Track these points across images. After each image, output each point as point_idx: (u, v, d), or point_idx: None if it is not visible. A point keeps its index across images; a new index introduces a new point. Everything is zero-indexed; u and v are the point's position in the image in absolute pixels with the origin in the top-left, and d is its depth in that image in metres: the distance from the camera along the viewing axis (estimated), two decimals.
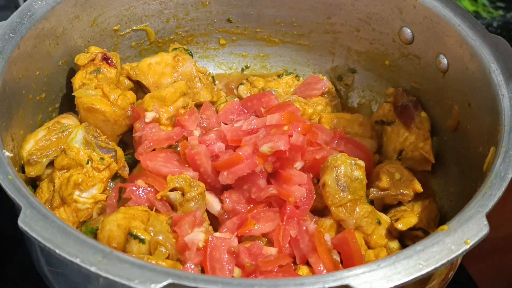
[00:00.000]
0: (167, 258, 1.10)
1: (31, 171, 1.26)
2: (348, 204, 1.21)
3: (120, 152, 1.30)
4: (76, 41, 1.42)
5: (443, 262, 0.93)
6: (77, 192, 1.22)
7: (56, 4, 1.33)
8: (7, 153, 1.09)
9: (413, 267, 0.92)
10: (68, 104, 1.43)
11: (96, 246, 0.92)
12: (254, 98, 1.44)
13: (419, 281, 0.94)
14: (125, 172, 1.31)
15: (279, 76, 1.58)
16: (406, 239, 1.27)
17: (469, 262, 1.39)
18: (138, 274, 0.89)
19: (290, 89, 1.55)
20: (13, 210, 1.08)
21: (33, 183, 1.29)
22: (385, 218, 1.27)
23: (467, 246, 0.95)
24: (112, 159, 1.27)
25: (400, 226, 1.24)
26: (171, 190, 1.20)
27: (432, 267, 0.93)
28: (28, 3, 1.31)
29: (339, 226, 1.22)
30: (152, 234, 1.11)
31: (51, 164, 1.27)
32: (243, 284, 0.90)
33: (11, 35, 1.24)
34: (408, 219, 1.25)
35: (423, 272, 0.92)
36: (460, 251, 0.95)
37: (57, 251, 0.91)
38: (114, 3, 1.47)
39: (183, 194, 1.20)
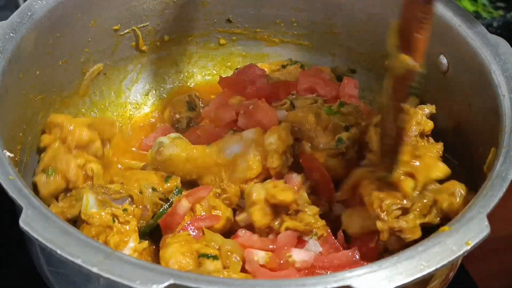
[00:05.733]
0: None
1: None
2: None
3: (135, 195, 1.22)
4: (76, 41, 1.42)
5: (444, 262, 0.93)
6: None
7: (56, 4, 1.33)
8: (7, 153, 1.08)
9: (414, 267, 0.92)
10: (68, 104, 1.43)
11: (98, 247, 0.92)
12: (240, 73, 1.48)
13: (420, 282, 0.93)
14: (147, 214, 1.23)
15: (284, 66, 1.57)
16: None
17: (470, 262, 1.40)
18: (140, 275, 0.89)
19: (293, 79, 1.54)
20: (13, 210, 1.08)
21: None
22: None
23: (468, 247, 0.95)
24: (131, 205, 1.21)
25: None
26: None
27: (433, 268, 0.93)
28: (28, 3, 1.30)
29: None
30: (217, 247, 1.12)
31: None
32: (244, 284, 0.91)
33: (11, 35, 1.24)
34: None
35: (425, 272, 0.92)
36: (461, 252, 0.95)
37: (59, 251, 0.91)
38: (114, 3, 1.47)
39: None
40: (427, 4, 1.01)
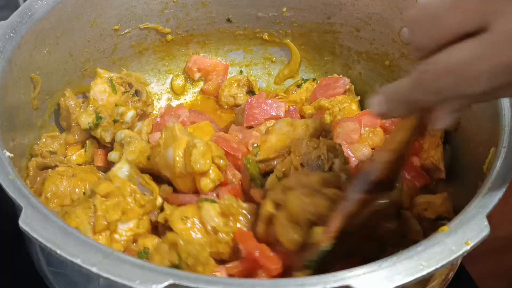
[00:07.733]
0: None
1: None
2: None
3: (156, 193, 1.25)
4: (76, 41, 1.42)
5: (444, 262, 0.93)
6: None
7: (56, 4, 1.33)
8: (7, 153, 1.09)
9: (414, 267, 0.92)
10: None
11: (97, 247, 0.92)
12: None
13: (420, 282, 0.93)
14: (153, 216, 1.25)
15: (299, 86, 1.58)
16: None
17: (470, 262, 1.39)
18: (139, 275, 0.89)
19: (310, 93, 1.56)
20: (13, 210, 1.08)
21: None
22: None
23: (468, 247, 0.95)
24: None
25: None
26: None
27: (433, 268, 0.92)
28: (28, 3, 1.31)
29: None
30: None
31: None
32: (244, 284, 0.90)
33: (11, 35, 1.24)
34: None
35: (424, 272, 0.92)
36: (461, 252, 0.95)
37: (58, 251, 0.91)
38: (114, 3, 1.47)
39: None
40: None
